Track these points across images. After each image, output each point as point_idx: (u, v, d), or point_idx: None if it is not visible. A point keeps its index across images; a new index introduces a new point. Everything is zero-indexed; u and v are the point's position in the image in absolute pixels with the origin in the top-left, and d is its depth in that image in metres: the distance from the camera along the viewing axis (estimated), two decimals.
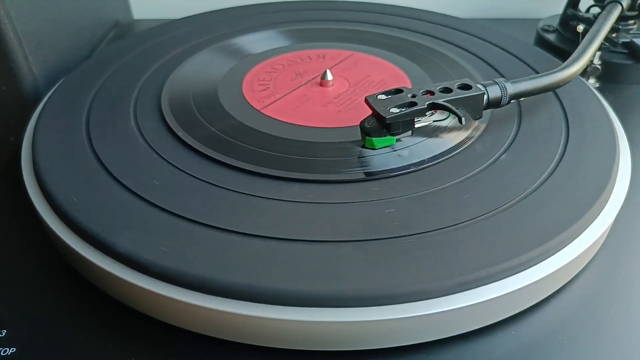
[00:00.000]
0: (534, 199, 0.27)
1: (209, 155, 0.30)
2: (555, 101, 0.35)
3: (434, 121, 0.32)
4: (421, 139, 0.31)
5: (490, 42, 0.44)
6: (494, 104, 0.31)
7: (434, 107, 0.29)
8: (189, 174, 0.28)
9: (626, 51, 0.44)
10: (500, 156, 0.30)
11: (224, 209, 0.26)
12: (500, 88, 0.30)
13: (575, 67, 0.33)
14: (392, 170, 0.28)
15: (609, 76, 0.43)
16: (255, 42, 0.43)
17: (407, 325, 0.22)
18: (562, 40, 0.48)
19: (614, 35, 0.45)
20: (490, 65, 0.40)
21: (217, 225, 0.25)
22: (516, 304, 0.24)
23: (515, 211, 0.26)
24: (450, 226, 0.25)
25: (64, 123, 0.33)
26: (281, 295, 0.22)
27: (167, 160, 0.29)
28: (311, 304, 0.22)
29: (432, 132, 0.31)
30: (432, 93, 0.30)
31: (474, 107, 0.30)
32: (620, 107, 0.37)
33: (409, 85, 0.37)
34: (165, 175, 0.28)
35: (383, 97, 0.30)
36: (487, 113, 0.32)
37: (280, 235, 0.24)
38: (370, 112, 0.30)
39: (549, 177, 0.28)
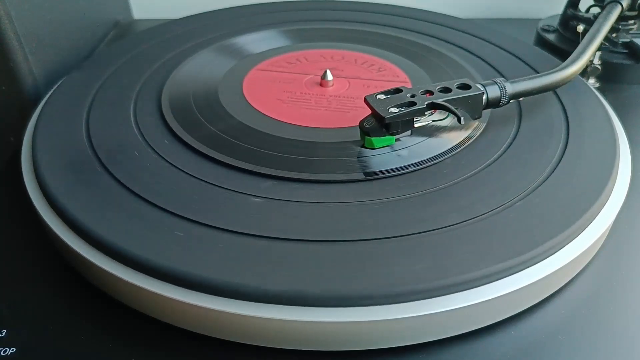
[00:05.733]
0: (533, 198, 0.27)
1: (209, 155, 0.30)
2: (555, 101, 0.35)
3: (433, 121, 0.32)
4: (420, 138, 0.31)
5: (490, 42, 0.44)
6: (494, 103, 0.31)
7: (433, 106, 0.29)
8: (189, 174, 0.28)
9: (626, 51, 0.44)
10: (500, 156, 0.30)
11: (224, 209, 0.26)
12: (499, 88, 0.30)
13: (575, 67, 0.33)
14: (391, 170, 0.28)
15: (609, 76, 0.43)
16: (255, 42, 0.43)
17: (407, 325, 0.22)
18: (562, 40, 0.48)
19: (614, 35, 0.45)
20: (490, 65, 0.40)
21: (217, 225, 0.25)
22: (516, 304, 0.24)
23: (515, 211, 0.26)
24: (450, 226, 0.25)
25: (64, 123, 0.33)
26: (281, 295, 0.22)
27: (167, 160, 0.29)
28: (311, 303, 0.22)
29: (431, 132, 0.31)
30: (431, 93, 0.30)
31: (473, 107, 0.30)
32: (620, 107, 0.37)
33: (409, 85, 0.37)
34: (165, 175, 0.28)
35: (382, 96, 0.30)
36: (487, 113, 0.32)
37: (280, 235, 0.24)
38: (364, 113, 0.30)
39: (549, 177, 0.28)
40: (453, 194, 0.27)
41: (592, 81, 0.44)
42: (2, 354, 0.23)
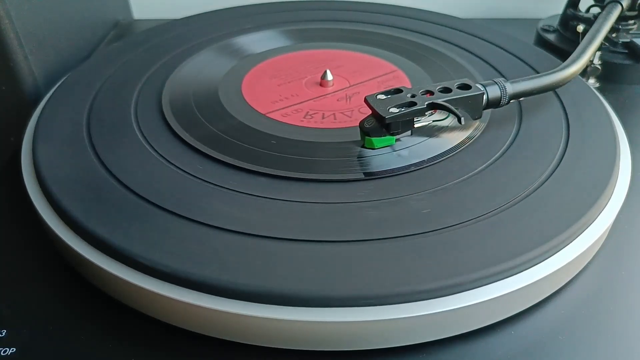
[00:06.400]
0: (534, 199, 0.27)
1: (209, 154, 0.30)
2: (556, 101, 0.35)
3: (433, 121, 0.32)
4: (421, 139, 0.31)
5: (490, 42, 0.44)
6: (494, 103, 0.31)
7: (434, 106, 0.29)
8: (190, 174, 0.28)
9: (626, 51, 0.44)
10: (500, 156, 0.30)
11: (224, 208, 0.26)
12: (499, 88, 0.30)
13: (575, 67, 0.33)
14: (391, 170, 0.28)
15: (609, 76, 0.43)
16: (255, 42, 0.43)
17: (407, 325, 0.22)
18: (562, 40, 0.48)
19: (614, 35, 0.45)
20: (490, 65, 0.40)
21: (217, 225, 0.25)
22: (516, 304, 0.24)
23: (515, 211, 0.26)
24: (450, 226, 0.25)
25: (64, 123, 0.33)
26: (281, 295, 0.22)
27: (167, 160, 0.29)
28: (311, 303, 0.22)
29: (431, 132, 0.31)
30: (431, 93, 0.30)
31: (473, 107, 0.30)
32: (620, 107, 0.37)
33: (409, 85, 0.37)
34: (166, 174, 0.28)
35: (382, 97, 0.30)
36: (487, 113, 0.32)
37: (280, 235, 0.24)
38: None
39: (549, 177, 0.28)
40: (453, 195, 0.27)
41: (592, 81, 0.44)
42: (2, 354, 0.23)
